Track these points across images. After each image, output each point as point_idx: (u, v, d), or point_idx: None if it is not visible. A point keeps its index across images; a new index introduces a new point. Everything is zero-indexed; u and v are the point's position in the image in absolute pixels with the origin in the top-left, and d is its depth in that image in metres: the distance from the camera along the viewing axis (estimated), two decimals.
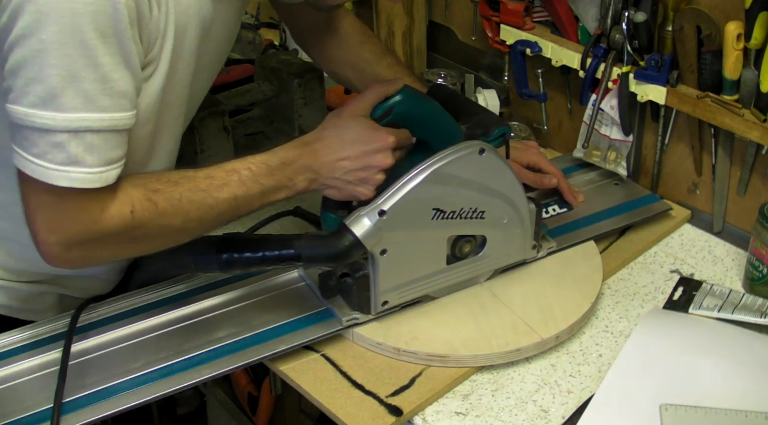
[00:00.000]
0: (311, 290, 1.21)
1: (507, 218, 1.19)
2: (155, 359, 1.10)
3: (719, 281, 1.31)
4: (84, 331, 1.14)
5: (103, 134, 0.90)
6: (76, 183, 0.91)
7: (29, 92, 0.87)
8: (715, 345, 1.15)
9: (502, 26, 1.52)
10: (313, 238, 1.10)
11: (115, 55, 0.89)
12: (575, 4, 1.42)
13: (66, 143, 0.89)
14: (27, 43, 0.86)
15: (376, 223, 1.08)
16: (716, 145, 1.35)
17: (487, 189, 1.15)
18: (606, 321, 1.23)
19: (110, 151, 0.92)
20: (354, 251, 1.08)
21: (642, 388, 1.08)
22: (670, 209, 1.42)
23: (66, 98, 0.87)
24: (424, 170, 1.09)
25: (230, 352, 1.11)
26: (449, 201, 1.13)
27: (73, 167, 0.90)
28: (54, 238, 0.94)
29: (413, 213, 1.11)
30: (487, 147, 1.13)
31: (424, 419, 1.08)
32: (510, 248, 1.23)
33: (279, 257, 1.09)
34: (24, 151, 0.90)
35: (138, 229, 0.97)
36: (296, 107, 1.54)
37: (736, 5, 1.20)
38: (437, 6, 1.73)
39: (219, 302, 1.20)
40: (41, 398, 1.04)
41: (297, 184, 1.08)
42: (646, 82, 1.34)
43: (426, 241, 1.14)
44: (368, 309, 1.15)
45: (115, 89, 0.90)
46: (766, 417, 1.03)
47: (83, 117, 0.89)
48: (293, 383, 1.12)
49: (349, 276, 1.15)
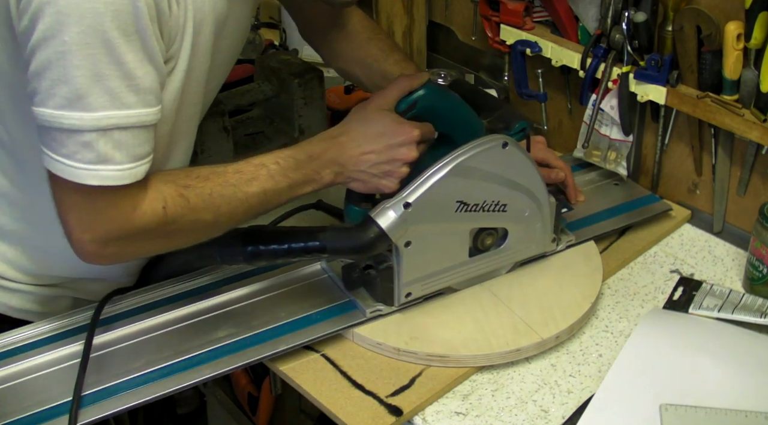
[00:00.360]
0: (334, 283, 1.22)
1: (528, 211, 1.21)
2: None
3: (719, 281, 1.31)
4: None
5: (130, 131, 0.91)
6: (107, 181, 0.91)
7: (55, 94, 0.88)
8: (715, 345, 1.15)
9: (502, 26, 1.52)
10: (338, 230, 1.12)
11: (138, 52, 0.89)
12: (575, 4, 1.42)
13: (95, 141, 0.89)
14: (49, 45, 0.86)
15: (401, 215, 1.09)
16: (716, 145, 1.35)
17: (510, 182, 1.17)
18: (606, 321, 1.23)
19: (138, 147, 0.92)
20: (379, 243, 1.10)
21: (642, 388, 1.08)
22: (670, 209, 1.42)
23: (92, 98, 0.88)
24: (448, 163, 1.10)
25: (230, 352, 1.11)
26: (473, 194, 1.14)
27: (103, 165, 0.90)
28: (88, 236, 0.95)
29: (437, 206, 1.12)
30: (510, 141, 1.14)
31: (424, 419, 1.08)
32: (530, 240, 1.25)
33: (304, 248, 1.11)
34: (53, 152, 0.91)
35: (170, 224, 0.98)
36: (296, 106, 1.54)
37: (736, 5, 1.20)
38: (437, 6, 1.73)
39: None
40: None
41: (323, 177, 1.09)
42: (646, 82, 1.34)
43: (449, 233, 1.16)
44: (392, 301, 1.17)
45: (140, 86, 0.91)
46: (766, 417, 1.03)
47: (110, 115, 0.89)
48: (293, 383, 1.12)
49: (373, 268, 1.17)
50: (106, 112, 0.89)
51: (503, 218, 1.19)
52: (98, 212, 0.94)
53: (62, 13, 0.85)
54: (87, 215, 0.94)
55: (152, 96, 0.93)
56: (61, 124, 0.89)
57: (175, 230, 1.00)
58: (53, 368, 1.09)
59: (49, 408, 1.03)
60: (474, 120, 1.17)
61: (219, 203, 1.02)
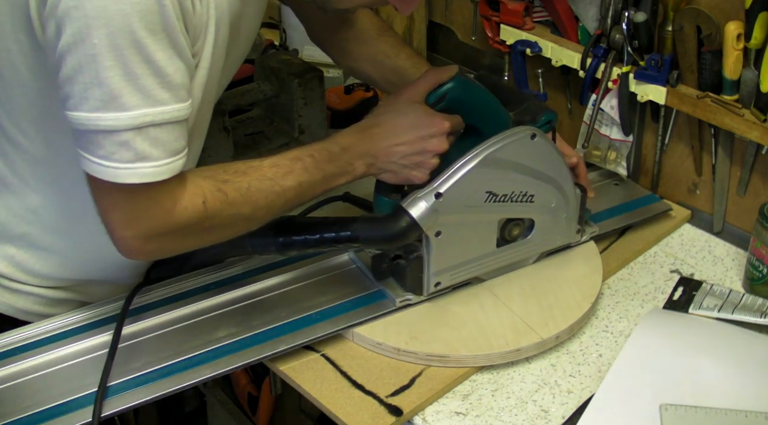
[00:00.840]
0: (362, 273, 1.24)
1: (555, 202, 1.22)
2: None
3: (719, 281, 1.31)
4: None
5: (165, 127, 0.92)
6: (146, 178, 0.92)
7: (89, 97, 0.89)
8: (715, 345, 1.15)
9: (502, 26, 1.52)
10: (370, 220, 1.14)
11: (167, 50, 0.90)
12: (575, 4, 1.42)
13: (131, 140, 0.90)
14: (80, 49, 0.87)
15: (432, 205, 1.11)
16: (716, 145, 1.35)
17: (537, 173, 1.18)
18: (606, 321, 1.23)
19: (174, 142, 0.93)
20: (410, 233, 1.11)
21: (642, 388, 1.08)
22: (670, 210, 1.42)
23: (126, 97, 0.89)
24: (478, 154, 1.12)
25: (230, 352, 1.11)
26: (501, 185, 1.16)
27: (141, 163, 0.91)
28: (130, 233, 0.96)
29: (467, 196, 1.14)
30: (538, 132, 1.16)
31: (424, 419, 1.08)
32: (556, 231, 1.26)
33: (336, 238, 1.13)
34: (91, 154, 0.91)
35: (210, 219, 1.00)
36: (296, 106, 1.54)
37: (736, 5, 1.20)
38: (437, 6, 1.73)
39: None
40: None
41: (356, 169, 1.11)
42: (646, 82, 1.34)
43: (478, 224, 1.18)
44: (421, 290, 1.18)
45: (172, 82, 0.91)
46: (766, 417, 1.03)
47: (145, 113, 0.90)
48: (293, 383, 1.12)
49: (402, 258, 1.18)
50: (141, 110, 0.89)
51: (530, 209, 1.20)
52: (139, 209, 0.95)
53: (89, 17, 0.85)
54: (128, 213, 0.96)
55: (184, 91, 0.94)
56: (97, 126, 0.89)
57: (215, 224, 1.01)
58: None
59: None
60: (501, 112, 1.18)
61: (257, 197, 1.03)
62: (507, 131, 1.15)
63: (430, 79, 1.13)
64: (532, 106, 1.22)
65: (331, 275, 1.25)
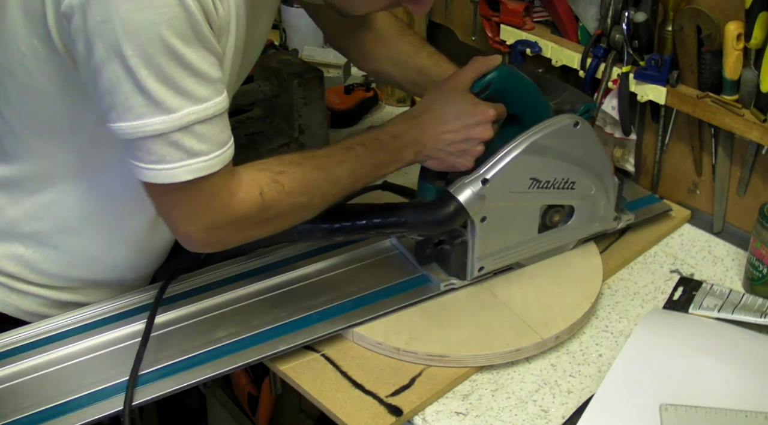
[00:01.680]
0: (405, 258, 1.27)
1: (594, 189, 1.25)
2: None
3: (719, 281, 1.31)
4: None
5: (210, 121, 0.94)
6: (200, 172, 0.95)
7: (132, 106, 0.90)
8: (715, 345, 1.15)
9: (502, 26, 1.52)
10: (417, 206, 1.17)
11: (199, 50, 0.91)
12: (575, 4, 1.42)
13: (180, 140, 0.92)
14: (114, 63, 0.89)
15: (478, 191, 1.13)
16: (716, 145, 1.35)
17: (579, 161, 1.21)
18: (606, 321, 1.23)
19: (220, 134, 0.96)
20: (458, 218, 1.14)
21: (642, 388, 1.08)
22: (670, 210, 1.42)
23: (169, 100, 0.90)
24: (524, 141, 1.15)
25: (230, 352, 1.11)
26: (545, 171, 1.18)
27: (193, 159, 0.94)
28: (193, 228, 1.00)
29: (512, 182, 1.17)
30: (581, 121, 1.18)
31: (424, 419, 1.08)
32: (595, 218, 1.29)
33: (384, 224, 1.16)
34: (142, 162, 0.94)
35: (269, 210, 1.03)
36: (296, 106, 1.54)
37: (736, 5, 1.20)
38: (437, 6, 1.73)
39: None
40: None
41: (405, 157, 1.13)
42: (646, 82, 1.34)
43: (521, 210, 1.20)
44: (464, 275, 1.21)
45: (209, 78, 0.93)
46: (766, 417, 1.03)
47: (190, 112, 0.92)
48: (293, 383, 1.12)
49: (446, 244, 1.21)
50: (186, 110, 0.92)
51: (571, 196, 1.23)
52: (198, 204, 0.98)
53: (118, 31, 0.87)
54: (188, 209, 0.99)
55: (221, 84, 0.96)
56: (144, 132, 0.91)
57: (274, 215, 1.04)
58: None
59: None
60: (543, 101, 1.20)
61: (312, 186, 1.06)
62: (551, 118, 1.17)
63: (475, 67, 1.15)
64: (571, 95, 1.24)
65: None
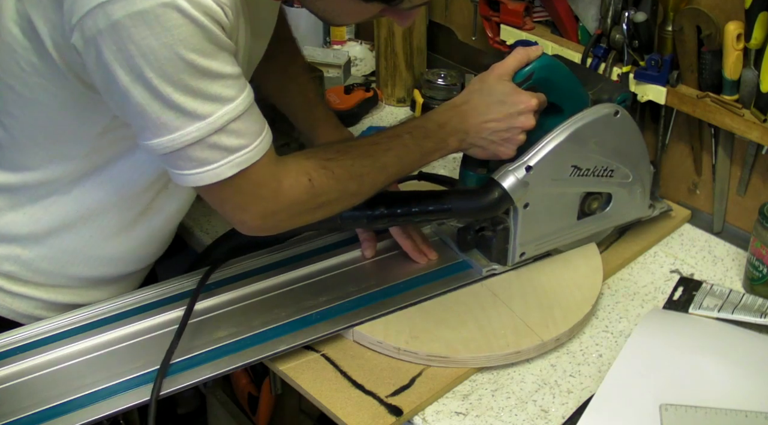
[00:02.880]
0: (446, 244, 1.30)
1: (632, 177, 1.27)
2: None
3: (719, 281, 1.31)
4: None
5: (242, 117, 0.96)
6: (243, 165, 0.97)
7: (165, 122, 0.92)
8: (715, 345, 1.15)
9: (502, 26, 1.52)
10: (462, 192, 1.20)
11: (218, 57, 0.92)
12: (575, 4, 1.42)
13: (218, 141, 0.94)
14: (138, 87, 0.90)
15: (522, 178, 1.16)
16: (716, 145, 1.35)
17: (618, 149, 1.24)
18: (606, 321, 1.23)
19: (253, 125, 0.98)
20: (502, 204, 1.17)
21: (642, 388, 1.08)
22: (670, 210, 1.42)
23: (200, 109, 0.92)
24: (566, 129, 1.17)
25: (230, 352, 1.11)
26: (585, 159, 1.21)
27: (234, 155, 0.96)
28: (247, 216, 1.03)
29: (554, 169, 1.19)
30: (621, 110, 1.21)
31: (424, 419, 1.08)
32: (631, 206, 1.31)
33: (429, 210, 1.18)
34: (187, 170, 0.96)
35: (319, 196, 1.05)
36: None
37: (736, 5, 1.20)
38: (437, 6, 1.73)
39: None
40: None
41: (449, 144, 1.16)
42: (646, 82, 1.34)
43: (562, 196, 1.23)
44: (506, 260, 1.25)
45: (233, 77, 0.95)
46: (766, 417, 1.03)
47: (222, 113, 0.94)
48: (293, 383, 1.12)
49: (488, 230, 1.24)
50: (218, 113, 0.93)
51: (610, 183, 1.25)
52: (248, 195, 1.01)
53: (137, 58, 0.88)
54: (239, 201, 1.01)
55: (243, 78, 0.97)
56: (182, 142, 0.93)
57: (326, 201, 1.07)
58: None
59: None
60: (582, 91, 1.21)
61: (361, 173, 1.09)
62: (592, 107, 1.19)
63: (518, 58, 1.16)
64: (608, 85, 1.26)
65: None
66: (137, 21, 0.86)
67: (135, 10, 0.86)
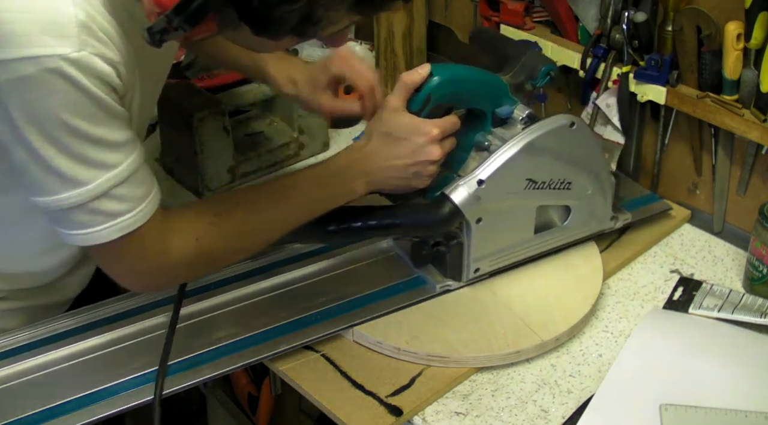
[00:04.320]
0: (401, 259, 1.26)
1: (591, 189, 1.24)
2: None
3: (719, 281, 1.31)
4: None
5: (126, 182, 0.93)
6: (126, 230, 0.94)
7: (46, 183, 0.90)
8: (715, 345, 1.15)
9: (502, 26, 1.52)
10: (413, 207, 1.17)
11: (104, 123, 0.90)
12: (575, 4, 1.42)
13: (99, 206, 0.92)
14: (20, 148, 0.88)
15: (474, 192, 1.13)
16: (716, 145, 1.36)
17: (575, 161, 1.21)
18: (606, 321, 1.23)
19: (138, 189, 0.95)
20: (453, 219, 1.13)
21: (642, 388, 1.08)
22: (670, 209, 1.42)
23: (81, 175, 0.90)
24: (519, 141, 1.14)
25: (231, 352, 1.11)
26: (541, 172, 1.18)
27: (116, 220, 0.94)
28: (134, 277, 1.02)
29: (508, 183, 1.16)
30: (576, 120, 1.18)
31: (424, 419, 1.08)
32: (592, 218, 1.29)
33: (380, 226, 1.15)
34: (69, 229, 0.94)
35: (207, 255, 1.03)
36: (296, 107, 1.54)
37: (736, 5, 1.20)
38: (437, 6, 1.73)
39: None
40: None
41: (356, 189, 1.12)
42: (646, 82, 1.34)
43: (517, 210, 1.20)
44: (460, 277, 1.21)
45: (119, 144, 0.92)
46: (766, 417, 1.03)
47: (104, 180, 0.91)
48: (293, 383, 1.12)
49: (442, 245, 1.20)
50: (99, 180, 0.91)
51: (568, 196, 1.23)
52: (134, 257, 0.99)
53: (20, 120, 0.86)
54: (125, 262, 0.99)
55: (132, 142, 0.94)
56: (61, 206, 0.91)
57: (213, 259, 1.05)
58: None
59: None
60: (495, 84, 1.17)
61: (250, 230, 1.07)
62: (547, 119, 1.17)
63: (404, 85, 1.11)
64: (529, 61, 1.21)
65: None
66: (21, 85, 0.83)
67: (20, 75, 0.83)
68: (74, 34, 0.84)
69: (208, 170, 1.46)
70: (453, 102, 1.16)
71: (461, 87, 1.15)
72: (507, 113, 1.18)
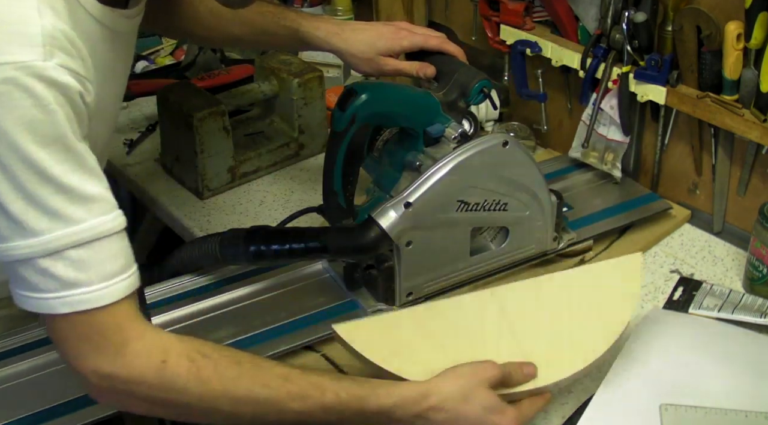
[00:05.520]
0: (335, 282, 1.23)
1: (529, 210, 1.20)
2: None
3: (719, 281, 1.31)
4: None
5: (89, 246, 0.81)
6: (78, 306, 0.82)
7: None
8: (715, 345, 1.15)
9: (502, 26, 1.52)
10: (340, 230, 1.14)
11: (64, 162, 0.80)
12: (575, 4, 1.42)
13: (51, 267, 0.81)
14: None
15: (401, 215, 1.09)
16: (716, 145, 1.35)
17: (510, 181, 1.17)
18: None
19: (106, 262, 0.83)
20: (380, 243, 1.10)
21: (642, 388, 1.08)
22: (670, 208, 1.42)
23: (32, 222, 0.79)
24: (448, 162, 1.11)
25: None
26: (473, 193, 1.14)
27: (69, 291, 0.81)
28: (84, 368, 0.86)
29: (438, 205, 1.12)
30: (510, 140, 1.14)
31: None
32: (532, 239, 1.24)
33: (307, 249, 1.12)
34: (20, 289, 0.83)
35: (170, 389, 0.86)
36: (296, 106, 1.54)
37: (736, 5, 1.20)
38: (437, 6, 1.73)
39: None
40: None
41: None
42: (646, 82, 1.34)
43: (450, 233, 1.16)
44: (393, 300, 1.17)
45: (83, 195, 0.81)
46: (766, 417, 1.03)
47: (57, 236, 0.80)
48: None
49: (374, 268, 1.17)
50: (52, 234, 0.80)
51: (504, 217, 1.19)
52: (86, 340, 0.84)
53: None
54: (76, 344, 0.85)
55: (103, 202, 0.83)
56: (10, 256, 0.81)
57: (176, 398, 0.87)
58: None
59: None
60: (425, 103, 1.15)
61: (240, 396, 0.88)
62: (477, 139, 1.13)
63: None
64: (462, 77, 1.18)
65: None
66: None
67: None
68: (40, 43, 0.78)
69: (208, 170, 1.46)
70: (381, 121, 1.14)
71: (388, 106, 1.13)
72: (438, 131, 1.15)
